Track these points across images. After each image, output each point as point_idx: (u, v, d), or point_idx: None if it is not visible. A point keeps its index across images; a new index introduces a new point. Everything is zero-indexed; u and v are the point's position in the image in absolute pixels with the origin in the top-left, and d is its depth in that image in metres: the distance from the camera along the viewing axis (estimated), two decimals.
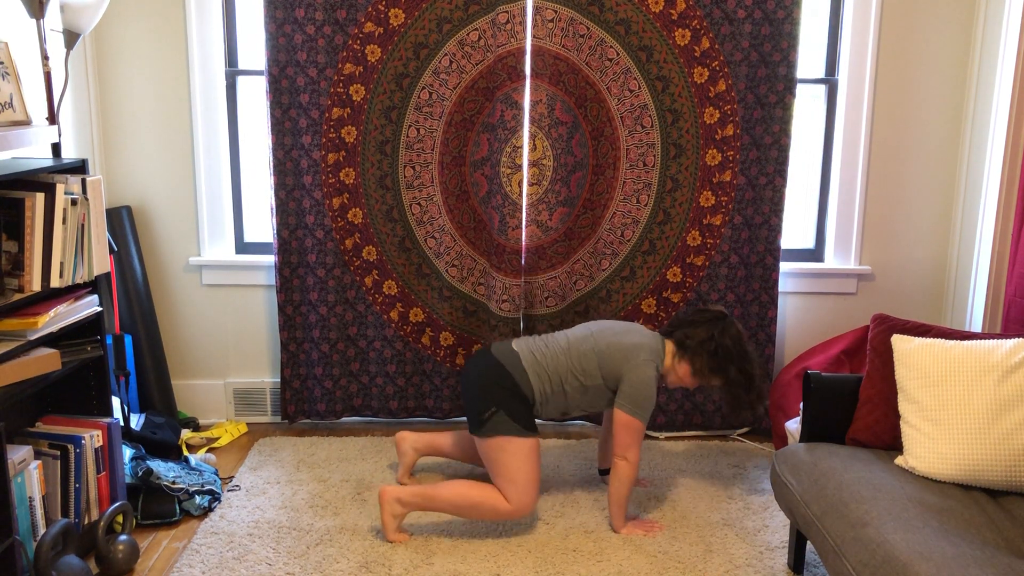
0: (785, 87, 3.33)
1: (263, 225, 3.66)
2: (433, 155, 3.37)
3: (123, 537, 2.60)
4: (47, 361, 2.44)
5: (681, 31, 3.27)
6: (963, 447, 2.26)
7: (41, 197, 2.37)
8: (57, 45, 2.91)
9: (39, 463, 2.45)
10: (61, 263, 2.44)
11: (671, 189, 3.40)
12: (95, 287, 2.68)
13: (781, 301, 3.60)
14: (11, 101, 2.45)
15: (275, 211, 3.39)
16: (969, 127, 3.47)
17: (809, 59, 3.54)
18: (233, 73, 3.50)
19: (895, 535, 1.97)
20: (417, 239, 3.45)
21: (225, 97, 3.47)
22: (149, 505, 2.86)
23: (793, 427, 3.10)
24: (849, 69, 3.46)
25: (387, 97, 3.31)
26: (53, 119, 2.71)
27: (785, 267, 3.57)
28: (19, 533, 2.29)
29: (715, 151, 3.38)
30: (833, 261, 3.64)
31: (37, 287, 2.40)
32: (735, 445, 3.55)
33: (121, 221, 3.41)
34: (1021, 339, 2.36)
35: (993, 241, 3.23)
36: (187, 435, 3.48)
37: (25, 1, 2.62)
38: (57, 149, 2.74)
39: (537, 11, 3.21)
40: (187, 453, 3.29)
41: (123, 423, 3.11)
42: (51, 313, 2.42)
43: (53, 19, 2.88)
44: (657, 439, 3.60)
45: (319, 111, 3.31)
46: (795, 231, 3.71)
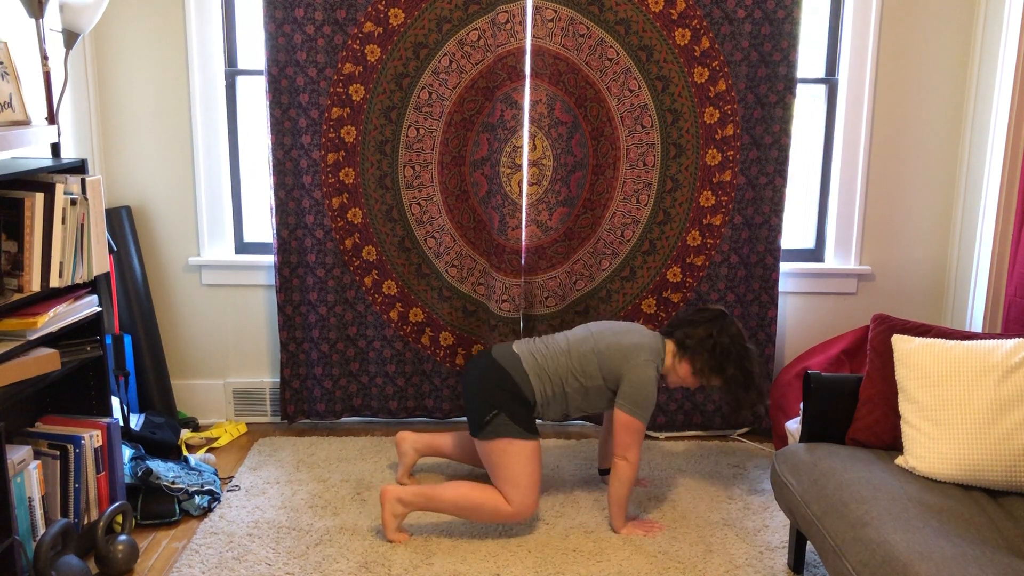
0: (785, 87, 3.33)
1: (263, 225, 3.66)
2: (433, 155, 3.37)
3: (123, 537, 2.60)
4: (47, 361, 2.43)
5: (681, 31, 3.27)
6: (963, 447, 2.26)
7: (41, 197, 2.37)
8: (57, 45, 2.91)
9: (39, 463, 2.45)
10: (61, 263, 2.44)
11: (671, 189, 3.40)
12: (95, 287, 2.67)
13: (781, 301, 3.60)
14: (10, 101, 2.45)
15: (275, 211, 3.39)
16: (969, 127, 3.47)
17: (809, 59, 3.54)
18: (233, 73, 3.50)
19: (895, 535, 1.97)
20: (417, 239, 3.45)
21: (225, 97, 3.47)
22: (149, 505, 2.86)
23: (793, 427, 3.10)
24: (849, 69, 3.45)
25: (387, 97, 3.31)
26: (53, 119, 2.70)
27: (785, 267, 3.57)
28: (19, 533, 2.29)
29: (715, 151, 3.37)
30: (833, 261, 3.64)
31: (37, 287, 2.40)
32: (735, 445, 3.55)
33: (121, 221, 3.41)
34: (1021, 339, 2.35)
35: (993, 241, 3.23)
36: (187, 435, 3.48)
37: (25, 1, 2.61)
38: (57, 149, 2.74)
39: (537, 11, 3.21)
40: (187, 453, 3.28)
41: (123, 423, 3.10)
42: (51, 313, 2.42)
43: (53, 19, 2.88)
44: (657, 439, 3.60)
45: (319, 111, 3.31)
46: (795, 231, 3.70)
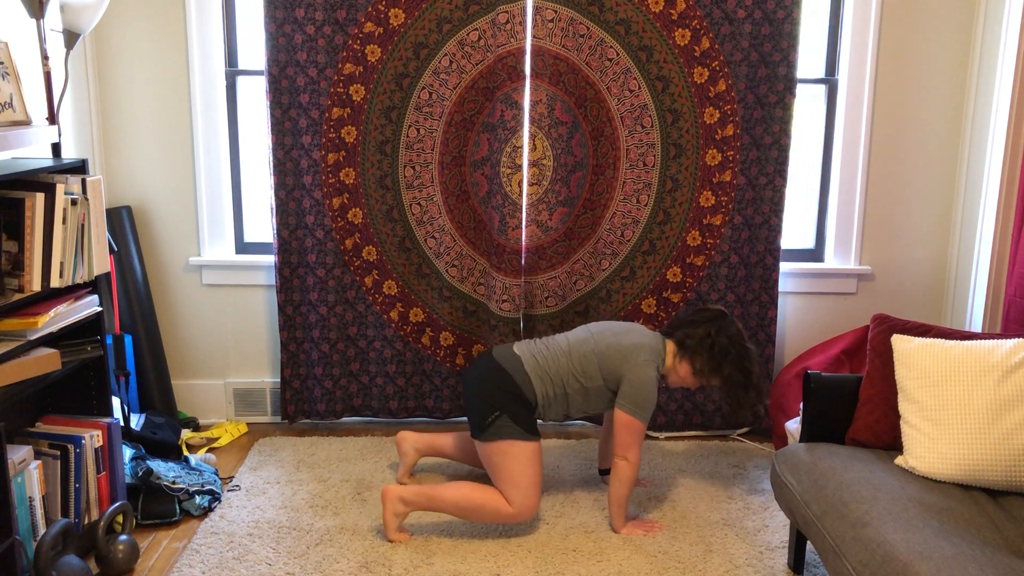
0: (785, 87, 3.33)
1: (263, 225, 3.66)
2: (433, 155, 3.37)
3: (123, 537, 2.60)
4: (47, 361, 2.43)
5: (681, 31, 3.27)
6: (963, 447, 2.26)
7: (41, 197, 2.37)
8: (57, 45, 2.91)
9: (39, 463, 2.45)
10: (61, 263, 2.44)
11: (671, 189, 3.40)
12: (95, 287, 2.67)
13: (781, 301, 3.60)
14: (11, 101, 2.45)
15: (275, 211, 3.39)
16: (969, 127, 3.47)
17: (809, 59, 3.54)
18: (233, 73, 3.50)
19: (895, 535, 1.97)
20: (417, 239, 3.45)
21: (225, 97, 3.47)
22: (149, 505, 2.86)
23: (793, 427, 3.10)
24: (849, 69, 3.45)
25: (387, 97, 3.31)
26: (53, 119, 2.70)
27: (785, 267, 3.57)
28: (19, 533, 2.29)
29: (715, 151, 3.37)
30: (833, 261, 3.64)
31: (37, 287, 2.40)
32: (735, 445, 3.55)
33: (121, 221, 3.42)
34: (1021, 339, 2.35)
35: (993, 241, 3.23)
36: (187, 435, 3.48)
37: (25, 1, 2.61)
38: (57, 149, 2.74)
39: (537, 11, 3.21)
40: (187, 453, 3.29)
41: (123, 423, 3.10)
42: (51, 313, 2.42)
43: (53, 19, 2.88)
44: (657, 439, 3.60)
45: (319, 111, 3.31)
46: (795, 231, 3.71)
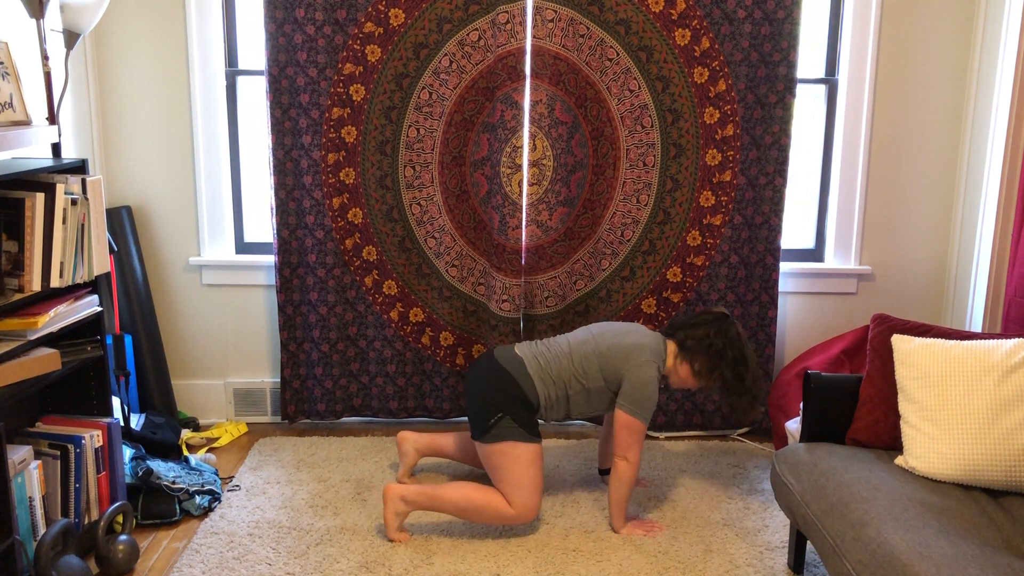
0: (785, 87, 3.33)
1: (263, 225, 3.66)
2: (433, 155, 3.37)
3: (123, 537, 2.60)
4: (47, 361, 2.44)
5: (681, 31, 3.27)
6: (963, 447, 2.26)
7: (41, 197, 2.37)
8: (57, 45, 2.91)
9: (39, 463, 2.45)
10: (61, 263, 2.44)
11: (671, 189, 3.40)
12: (95, 287, 2.67)
13: (781, 301, 3.60)
14: (11, 101, 2.45)
15: (275, 211, 3.39)
16: (969, 127, 3.47)
17: (809, 59, 3.54)
18: (233, 73, 3.50)
19: (895, 535, 1.97)
20: (417, 239, 3.45)
21: (225, 97, 3.47)
22: (149, 505, 2.86)
23: (793, 427, 3.10)
24: (849, 69, 3.45)
25: (387, 97, 3.31)
26: (53, 119, 2.70)
27: (785, 267, 3.57)
28: (19, 533, 2.29)
29: (715, 151, 3.37)
30: (833, 261, 3.64)
31: (37, 287, 2.40)
32: (735, 445, 3.55)
33: (121, 221, 3.42)
34: (1021, 339, 2.35)
35: (993, 241, 3.23)
36: (187, 435, 3.48)
37: (25, 1, 2.61)
38: (57, 149, 2.74)
39: (537, 11, 3.21)
40: (187, 453, 3.29)
41: (123, 423, 3.11)
42: (51, 313, 2.42)
43: (53, 19, 2.88)
44: (657, 439, 3.60)
45: (319, 111, 3.31)
46: (795, 231, 3.70)
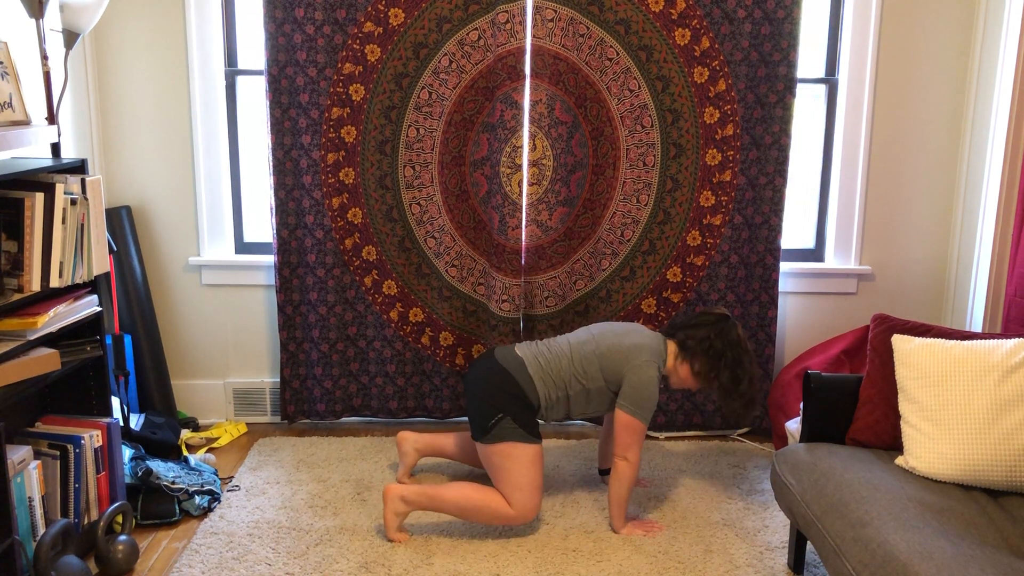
0: (785, 87, 3.33)
1: (263, 225, 3.66)
2: (433, 155, 3.37)
3: (123, 537, 2.60)
4: (47, 361, 2.43)
5: (681, 31, 3.27)
6: (963, 447, 2.26)
7: (41, 197, 2.37)
8: (57, 45, 2.91)
9: (39, 463, 2.45)
10: (61, 263, 2.44)
11: (671, 189, 3.40)
12: (95, 287, 2.67)
13: (781, 301, 3.60)
14: (11, 101, 2.45)
15: (275, 211, 3.39)
16: (969, 127, 3.47)
17: (809, 59, 3.54)
18: (233, 73, 3.50)
19: (895, 535, 1.97)
20: (417, 239, 3.45)
21: (225, 97, 3.47)
22: (149, 505, 2.86)
23: (793, 427, 3.10)
24: (849, 69, 3.45)
25: (387, 97, 3.31)
26: (53, 119, 2.70)
27: (785, 267, 3.57)
28: (19, 533, 2.29)
29: (715, 151, 3.37)
30: (833, 261, 3.64)
31: (37, 287, 2.40)
32: (735, 445, 3.55)
33: (121, 221, 3.41)
34: (1021, 339, 2.35)
35: (993, 241, 3.23)
36: (187, 435, 3.48)
37: (25, 1, 2.61)
38: (57, 149, 2.74)
39: (537, 11, 3.21)
40: (187, 453, 3.29)
41: (123, 423, 3.10)
42: (51, 313, 2.42)
43: (53, 19, 2.88)
44: (657, 439, 3.60)
45: (319, 111, 3.31)
46: (795, 231, 3.70)
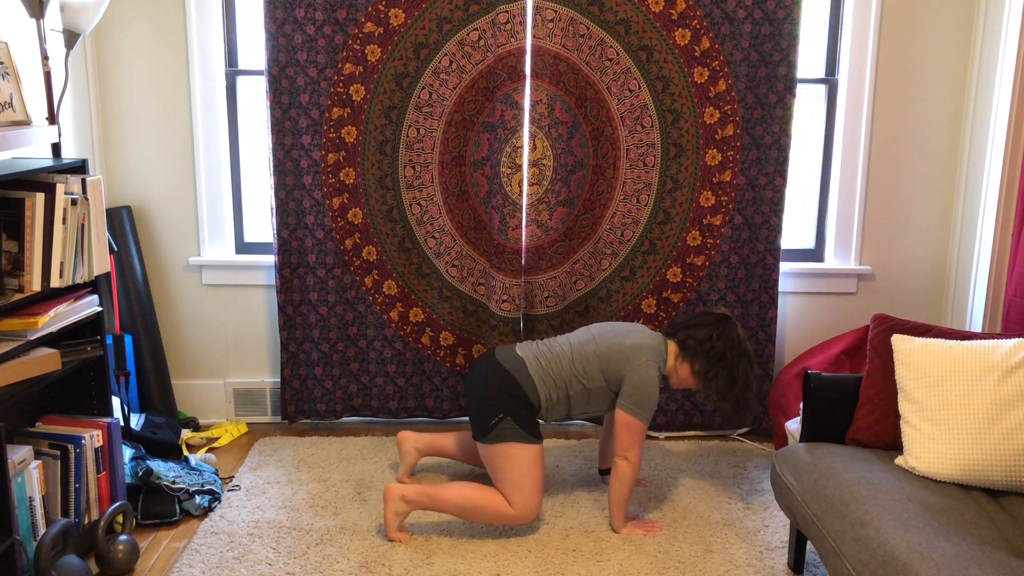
0: (785, 87, 3.33)
1: (263, 225, 3.66)
2: (433, 155, 3.37)
3: (123, 537, 2.60)
4: (47, 361, 2.43)
5: (681, 31, 3.27)
6: (963, 447, 2.26)
7: (41, 197, 2.37)
8: (57, 45, 2.91)
9: (39, 463, 2.45)
10: (61, 263, 2.44)
11: (671, 189, 3.40)
12: (95, 287, 2.67)
13: (781, 301, 3.60)
14: (11, 101, 2.45)
15: (275, 211, 3.39)
16: (969, 127, 3.47)
17: (809, 59, 3.54)
18: (233, 73, 3.50)
19: (895, 535, 1.97)
20: (417, 239, 3.45)
21: (225, 97, 3.47)
22: (149, 505, 2.86)
23: (793, 427, 3.10)
24: (849, 69, 3.45)
25: (387, 97, 3.31)
26: (53, 119, 2.70)
27: (785, 267, 3.57)
28: (19, 533, 2.29)
29: (715, 151, 3.37)
30: (833, 261, 3.64)
31: (37, 287, 2.40)
32: (735, 445, 3.55)
33: (121, 221, 3.42)
34: (1021, 339, 2.35)
35: (993, 241, 3.23)
36: (187, 435, 3.48)
37: (25, 1, 2.62)
38: (57, 149, 2.74)
39: (537, 11, 3.21)
40: (187, 453, 3.29)
41: (123, 423, 3.10)
42: (51, 313, 2.42)
43: (53, 19, 2.88)
44: (657, 439, 3.60)
45: (319, 111, 3.31)
46: (795, 231, 3.71)
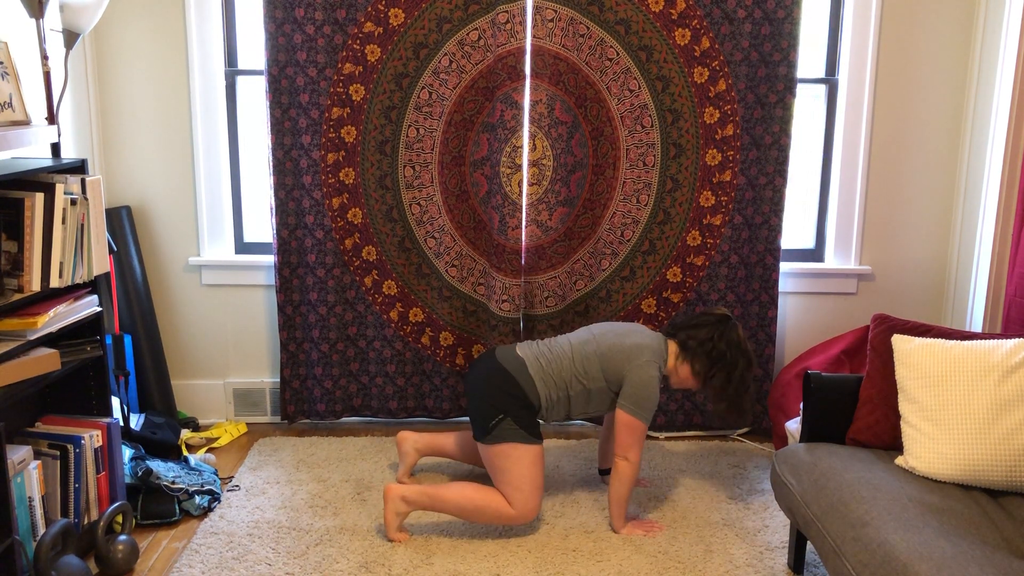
0: (785, 87, 3.33)
1: (263, 225, 3.66)
2: (433, 155, 3.37)
3: (123, 537, 2.60)
4: (47, 361, 2.43)
5: (681, 31, 3.27)
6: (963, 447, 2.26)
7: (41, 197, 2.37)
8: (57, 45, 2.91)
9: (39, 463, 2.45)
10: (61, 263, 2.44)
11: (671, 189, 3.40)
12: (95, 287, 2.67)
13: (781, 301, 3.60)
14: (11, 101, 2.45)
15: (275, 211, 3.39)
16: (969, 127, 3.47)
17: (809, 59, 3.54)
18: (233, 73, 3.50)
19: (895, 535, 1.97)
20: (417, 239, 3.45)
21: (225, 97, 3.47)
22: (149, 505, 2.86)
23: (793, 427, 3.10)
24: (849, 69, 3.45)
25: (387, 97, 3.31)
26: (53, 119, 2.70)
27: (785, 267, 3.57)
28: (19, 533, 2.29)
29: (715, 151, 3.37)
30: (833, 261, 3.64)
31: (37, 287, 2.40)
32: (735, 445, 3.55)
33: (121, 221, 3.41)
34: (1021, 339, 2.35)
35: (993, 241, 3.23)
36: (187, 435, 3.48)
37: (25, 1, 2.61)
38: (57, 149, 2.74)
39: (537, 11, 3.21)
40: (187, 453, 3.29)
41: (123, 423, 3.10)
42: (51, 313, 2.42)
43: (53, 19, 2.88)
44: (657, 439, 3.60)
45: (319, 111, 3.31)
46: (795, 231, 3.70)
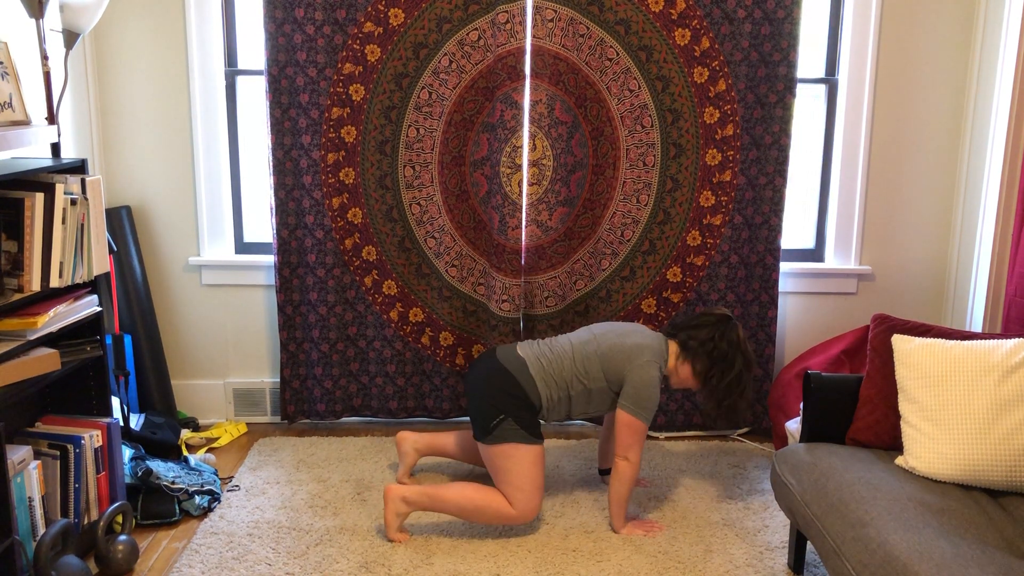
0: (785, 87, 3.33)
1: (263, 225, 3.66)
2: (433, 155, 3.37)
3: (123, 537, 2.60)
4: (47, 361, 2.43)
5: (681, 31, 3.27)
6: (963, 447, 2.26)
7: (41, 197, 2.37)
8: (57, 45, 2.91)
9: (39, 463, 2.45)
10: (61, 263, 2.44)
11: (671, 189, 3.40)
12: (95, 287, 2.67)
13: (781, 301, 3.60)
14: (11, 101, 2.45)
15: (275, 211, 3.39)
16: (969, 127, 3.47)
17: (809, 59, 3.54)
18: (233, 73, 3.50)
19: (895, 535, 1.97)
20: (417, 239, 3.45)
21: (225, 97, 3.47)
22: (149, 505, 2.86)
23: (793, 427, 3.10)
24: (849, 69, 3.45)
25: (387, 97, 3.31)
26: (52, 119, 2.70)
27: (785, 267, 3.57)
28: (19, 533, 2.29)
29: (715, 151, 3.37)
30: (833, 261, 3.64)
31: (37, 287, 2.40)
32: (735, 445, 3.55)
33: (121, 221, 3.41)
34: (1021, 339, 2.35)
35: (993, 241, 3.23)
36: (187, 435, 3.48)
37: (25, 1, 2.61)
38: (57, 149, 2.74)
39: (537, 11, 3.21)
40: (187, 453, 3.29)
41: (123, 423, 3.10)
42: (51, 313, 2.42)
43: (53, 19, 2.88)
44: (657, 439, 3.60)
45: (319, 111, 3.31)
46: (795, 231, 3.70)
